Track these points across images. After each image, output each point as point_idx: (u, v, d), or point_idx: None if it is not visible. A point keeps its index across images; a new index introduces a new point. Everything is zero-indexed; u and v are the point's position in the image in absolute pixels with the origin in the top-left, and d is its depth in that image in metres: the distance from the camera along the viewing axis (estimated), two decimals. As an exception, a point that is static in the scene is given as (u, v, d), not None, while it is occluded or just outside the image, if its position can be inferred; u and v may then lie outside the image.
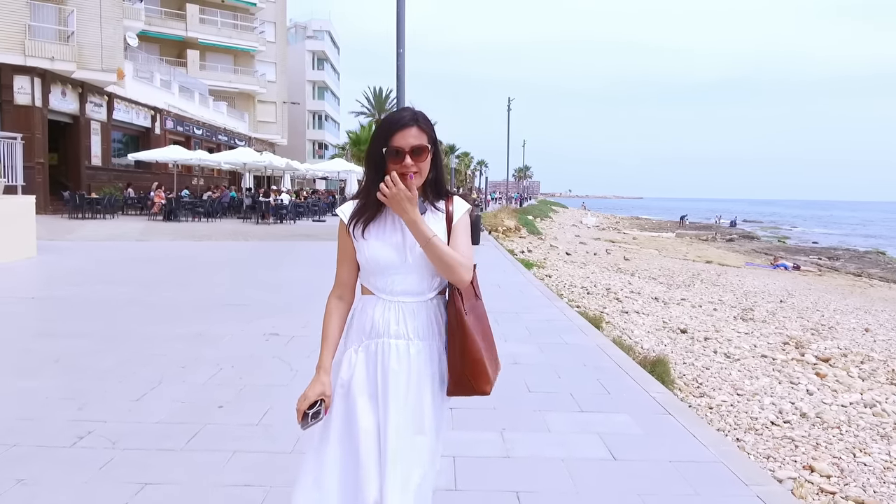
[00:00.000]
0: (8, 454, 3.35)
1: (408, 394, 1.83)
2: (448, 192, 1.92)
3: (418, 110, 1.86)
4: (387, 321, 1.85)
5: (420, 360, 1.86)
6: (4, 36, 20.16)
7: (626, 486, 3.19)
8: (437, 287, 1.90)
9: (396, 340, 1.85)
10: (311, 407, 1.82)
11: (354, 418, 1.82)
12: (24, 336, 6.11)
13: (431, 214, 1.87)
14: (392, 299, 1.86)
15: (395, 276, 1.85)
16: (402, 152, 1.78)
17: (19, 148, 11.80)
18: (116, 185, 24.95)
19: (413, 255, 1.83)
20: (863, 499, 3.69)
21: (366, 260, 1.86)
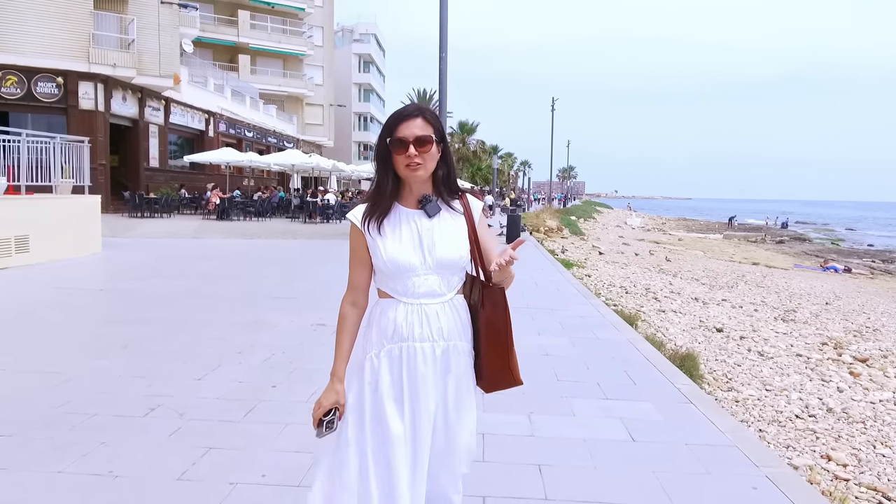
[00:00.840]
0: (90, 421, 3.82)
1: (437, 395, 1.84)
2: (460, 190, 1.94)
3: (425, 106, 1.89)
4: (410, 324, 1.83)
5: (446, 361, 1.86)
6: (71, 45, 21.39)
7: (642, 464, 3.45)
8: (456, 286, 1.90)
9: (422, 343, 1.83)
10: (326, 415, 1.84)
11: (385, 423, 1.81)
12: (94, 323, 6.70)
13: (449, 215, 1.88)
14: (414, 302, 1.84)
15: (416, 278, 1.83)
16: (405, 142, 1.78)
17: (86, 150, 12.62)
18: (172, 185, 26.08)
19: (432, 256, 1.83)
20: (875, 486, 3.84)
21: (384, 262, 1.83)
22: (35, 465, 3.21)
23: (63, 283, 8.91)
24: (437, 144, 1.82)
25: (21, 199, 10.74)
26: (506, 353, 1.91)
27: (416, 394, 1.82)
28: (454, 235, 1.85)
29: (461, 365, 1.88)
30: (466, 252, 1.86)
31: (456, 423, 1.88)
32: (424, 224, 1.83)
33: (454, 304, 1.87)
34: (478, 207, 1.93)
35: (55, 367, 4.89)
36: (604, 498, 3.04)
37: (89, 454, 3.36)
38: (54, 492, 2.93)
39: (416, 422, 1.81)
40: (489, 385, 1.94)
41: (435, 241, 1.82)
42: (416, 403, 1.81)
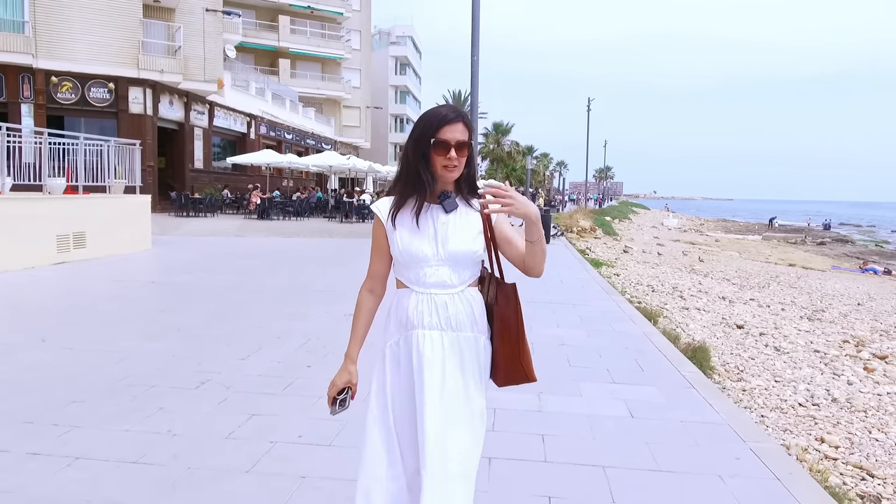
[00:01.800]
0: (150, 391, 4.35)
1: (444, 383, 1.88)
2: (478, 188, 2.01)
3: (462, 110, 1.96)
4: (420, 313, 1.90)
5: (454, 351, 1.90)
6: (122, 52, 22.48)
7: (636, 436, 3.81)
8: (468, 279, 1.94)
9: (430, 331, 1.90)
10: (340, 393, 1.97)
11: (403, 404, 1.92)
12: (149, 311, 7.32)
13: (465, 211, 1.94)
14: (424, 291, 1.91)
15: (428, 268, 1.90)
16: (448, 145, 1.85)
17: (137, 153, 13.42)
18: (216, 186, 27.08)
19: (444, 248, 1.90)
20: (862, 464, 4.11)
21: (399, 252, 1.92)
22: (105, 424, 3.74)
23: (118, 276, 9.62)
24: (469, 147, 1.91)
25: (79, 198, 11.54)
26: (517, 349, 1.95)
27: (423, 380, 1.88)
28: (467, 230, 1.91)
29: (469, 354, 1.92)
30: (479, 247, 1.92)
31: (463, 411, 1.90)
32: (441, 218, 1.91)
33: (465, 295, 1.92)
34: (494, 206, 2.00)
35: (116, 348, 5.47)
36: (597, 462, 3.42)
37: (150, 417, 3.89)
38: (122, 445, 3.45)
39: (424, 406, 1.87)
40: (502, 379, 1.99)
41: (448, 235, 1.89)
42: (423, 389, 1.88)
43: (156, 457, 3.32)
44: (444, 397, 1.87)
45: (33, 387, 4.41)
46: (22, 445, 3.41)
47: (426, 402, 1.86)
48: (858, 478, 3.97)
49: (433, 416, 1.84)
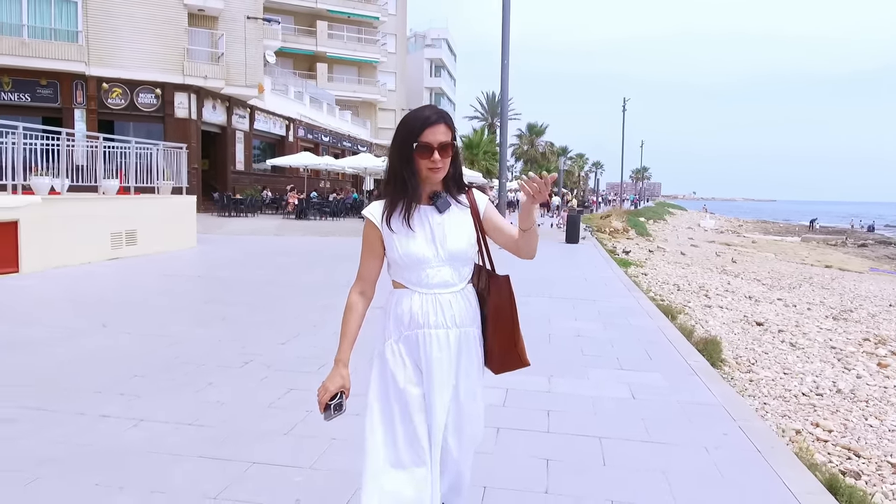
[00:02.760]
0: (199, 369, 4.89)
1: (450, 377, 1.97)
2: (467, 187, 2.07)
3: (443, 110, 2.00)
4: (426, 313, 1.94)
5: (459, 346, 1.98)
6: (169, 59, 23.54)
7: (635, 414, 4.18)
8: (467, 276, 2.03)
9: (436, 330, 1.94)
10: (333, 398, 1.96)
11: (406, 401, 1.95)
12: (196, 302, 7.94)
13: (457, 208, 2.00)
14: (428, 292, 1.95)
15: (430, 269, 1.94)
16: (430, 147, 1.88)
17: (184, 156, 14.20)
18: (256, 187, 28.02)
19: (444, 249, 1.95)
20: (850, 446, 4.40)
21: (400, 255, 1.95)
22: (163, 394, 4.29)
23: (167, 271, 10.32)
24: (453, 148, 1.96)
25: (130, 198, 12.32)
26: (511, 336, 2.02)
27: (432, 377, 1.94)
28: (463, 228, 1.97)
29: (472, 350, 2.01)
30: (475, 242, 1.99)
31: (467, 404, 2.01)
32: (436, 219, 1.95)
33: (465, 293, 2.00)
34: (483, 200, 2.05)
35: (168, 333, 6.06)
36: (595, 433, 3.81)
37: (201, 390, 4.42)
38: (178, 411, 3.98)
39: (432, 401, 1.94)
40: (497, 366, 2.07)
41: (446, 235, 1.94)
42: (432, 385, 1.94)
43: (207, 421, 3.84)
44: (457, 392, 1.96)
45: (99, 364, 5.00)
46: (94, 410, 3.97)
47: (436, 398, 1.92)
48: (844, 457, 4.26)
49: (443, 411, 1.94)
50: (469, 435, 2.05)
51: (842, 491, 3.31)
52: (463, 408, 2.00)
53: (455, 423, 2.00)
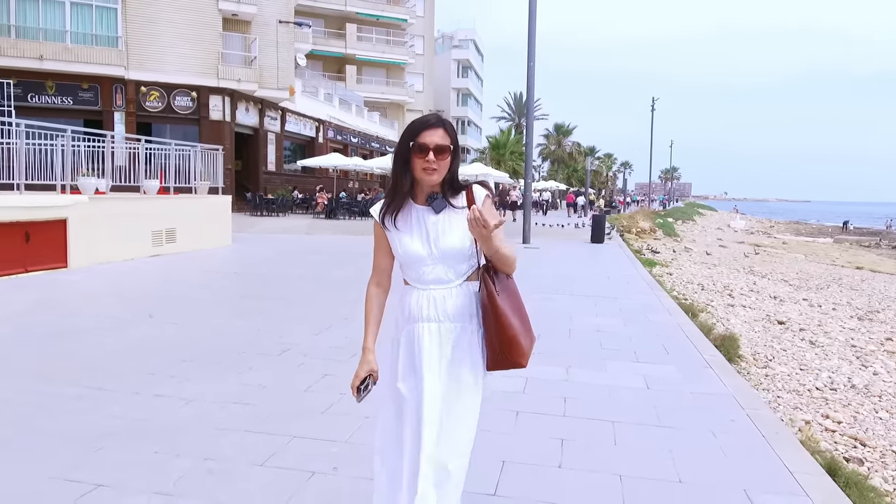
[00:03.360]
0: (240, 356, 5.27)
1: (441, 369, 2.03)
2: (465, 185, 2.11)
3: (446, 118, 2.09)
4: (420, 307, 2.06)
5: (451, 340, 2.05)
6: (204, 63, 24.25)
7: (648, 402, 4.43)
8: (464, 274, 2.08)
9: (429, 324, 2.05)
10: (363, 383, 2.12)
11: (397, 392, 2.08)
12: (235, 296, 8.37)
13: (452, 212, 2.06)
14: (424, 288, 2.06)
15: (425, 267, 2.05)
16: (426, 148, 1.98)
17: (220, 157, 14.74)
18: (286, 187, 28.65)
19: (437, 248, 2.04)
20: (857, 436, 4.59)
21: (400, 254, 2.09)
22: (208, 378, 4.66)
23: (205, 268, 10.80)
24: (451, 153, 2.04)
25: (170, 198, 12.87)
26: (497, 334, 2.03)
27: (422, 367, 2.03)
28: (457, 228, 2.03)
29: (466, 344, 2.07)
30: (469, 242, 2.05)
31: (458, 396, 2.04)
32: (431, 219, 2.05)
33: (463, 289, 2.07)
34: (481, 196, 2.07)
35: (210, 324, 6.47)
36: (608, 418, 4.07)
37: (244, 374, 4.79)
38: (224, 392, 4.35)
39: (423, 391, 2.01)
40: (489, 363, 2.10)
41: (440, 234, 2.03)
42: (422, 376, 2.02)
43: (250, 400, 4.20)
44: (443, 383, 2.02)
45: (149, 351, 5.41)
46: (149, 390, 4.36)
47: (425, 389, 2.01)
48: (850, 446, 4.45)
49: (431, 403, 1.99)
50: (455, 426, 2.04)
51: (840, 474, 3.52)
52: (453, 398, 2.04)
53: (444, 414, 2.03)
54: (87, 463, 3.21)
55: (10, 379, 4.54)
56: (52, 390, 4.31)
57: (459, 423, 2.04)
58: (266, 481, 3.05)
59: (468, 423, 2.06)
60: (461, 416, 2.04)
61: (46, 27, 22.02)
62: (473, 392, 2.07)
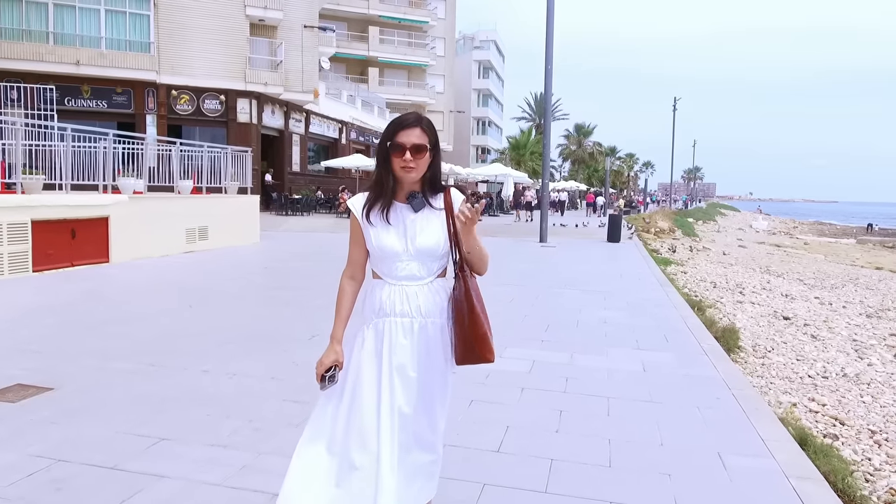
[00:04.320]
0: (274, 340, 5.82)
1: (413, 363, 2.07)
2: (444, 187, 2.15)
3: (424, 116, 2.10)
4: (392, 302, 2.08)
5: (424, 335, 2.09)
6: (232, 67, 25.03)
7: (642, 382, 4.88)
8: (436, 271, 2.14)
9: (402, 319, 2.08)
10: (328, 371, 2.11)
11: (360, 384, 2.08)
12: (266, 289, 8.96)
13: (430, 211, 2.11)
14: (396, 283, 2.09)
15: (399, 263, 2.09)
16: (403, 147, 2.02)
17: (249, 158, 15.41)
18: (310, 187, 29.37)
19: (413, 245, 2.08)
20: (836, 415, 4.99)
21: (374, 248, 2.11)
22: (247, 358, 5.21)
23: (237, 263, 11.43)
24: (430, 152, 2.07)
25: (203, 198, 13.54)
26: (471, 330, 2.07)
27: (392, 361, 2.06)
28: (434, 227, 2.09)
29: (436, 339, 2.11)
30: (444, 241, 2.09)
31: (431, 389, 2.10)
32: (410, 217, 2.09)
33: (433, 286, 2.12)
34: (458, 200, 2.12)
35: (245, 313, 7.05)
36: (604, 394, 4.53)
37: (278, 355, 5.34)
38: (262, 369, 4.89)
39: (393, 385, 2.04)
40: (459, 358, 2.13)
41: (416, 232, 2.08)
42: (393, 370, 2.06)
43: (285, 376, 4.74)
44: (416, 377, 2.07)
45: (192, 335, 5.99)
46: (196, 366, 4.92)
47: (396, 382, 2.04)
48: (830, 424, 4.86)
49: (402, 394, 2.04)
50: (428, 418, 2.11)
51: (810, 444, 3.94)
52: (424, 394, 2.09)
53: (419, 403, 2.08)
54: (151, 422, 3.77)
55: (75, 358, 5.14)
56: (112, 366, 4.90)
57: (431, 417, 2.11)
58: (303, 438, 3.59)
59: (440, 416, 2.14)
60: (434, 409, 2.11)
61: (83, 34, 22.95)
62: (445, 385, 2.15)
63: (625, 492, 3.05)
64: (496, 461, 3.36)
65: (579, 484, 3.12)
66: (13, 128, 9.73)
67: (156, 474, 3.08)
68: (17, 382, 4.42)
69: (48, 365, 4.88)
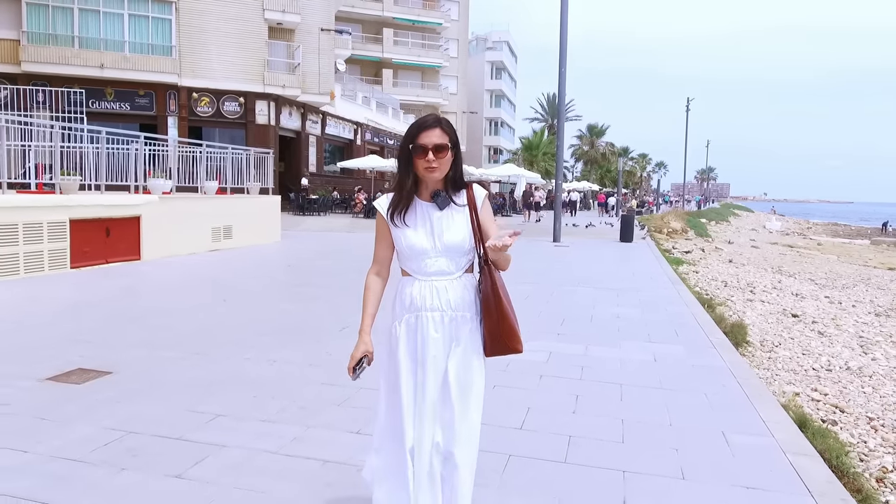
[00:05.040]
0: (308, 332, 6.21)
1: (446, 356, 2.16)
2: (466, 183, 2.23)
3: (443, 117, 2.18)
4: (423, 297, 2.18)
5: (454, 328, 2.17)
6: (251, 70, 25.57)
7: (653, 371, 5.21)
8: (464, 266, 2.22)
9: (432, 313, 2.16)
10: (358, 364, 2.24)
11: (397, 377, 2.19)
12: (293, 285, 9.37)
13: (454, 208, 2.19)
14: (426, 279, 2.18)
15: (428, 259, 2.16)
16: (425, 148, 2.09)
17: (271, 159, 15.87)
18: (327, 188, 29.85)
19: (441, 241, 2.16)
20: (837, 403, 5.29)
21: (404, 247, 2.18)
22: (285, 348, 5.60)
23: (261, 261, 11.87)
24: (451, 150, 2.15)
25: (227, 198, 14.00)
26: (497, 323, 2.16)
27: (427, 355, 2.15)
28: (459, 224, 2.17)
29: (466, 332, 2.19)
30: (470, 237, 2.18)
31: (464, 381, 2.17)
32: (436, 215, 2.17)
33: (462, 281, 2.21)
34: (481, 195, 2.23)
35: (275, 308, 7.45)
36: (617, 381, 4.87)
37: (313, 346, 5.73)
38: (299, 358, 5.28)
39: (426, 378, 2.14)
40: (488, 350, 2.21)
41: (443, 229, 2.16)
42: (426, 363, 2.15)
43: (321, 363, 5.13)
44: (452, 371, 2.15)
45: (230, 327, 6.39)
46: (238, 355, 5.32)
47: (429, 374, 2.14)
48: (830, 411, 5.16)
49: (435, 386, 2.14)
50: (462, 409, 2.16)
51: (809, 427, 4.26)
52: (456, 384, 2.16)
53: (449, 397, 2.15)
54: (205, 401, 4.16)
55: (125, 347, 5.55)
56: (160, 355, 5.30)
57: (468, 410, 2.17)
58: (345, 416, 3.96)
59: (476, 409, 2.19)
60: (470, 402, 2.17)
61: (107, 38, 23.55)
62: (480, 378, 2.21)
63: (636, 463, 3.40)
64: (520, 437, 3.72)
65: (595, 456, 3.47)
66: (51, 131, 10.21)
67: (218, 444, 3.47)
68: (77, 367, 4.84)
69: (101, 353, 5.29)
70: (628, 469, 3.32)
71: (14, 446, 3.39)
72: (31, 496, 2.86)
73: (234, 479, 3.08)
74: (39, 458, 3.27)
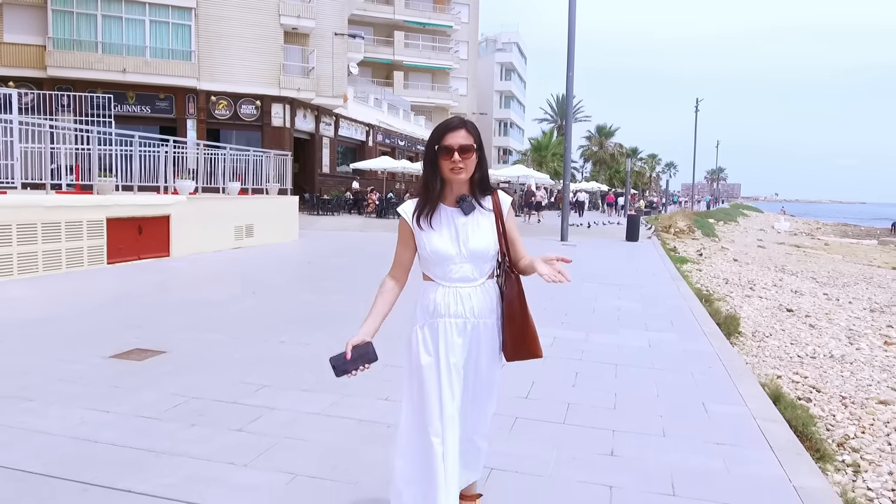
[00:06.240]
0: (332, 321, 6.82)
1: (467, 361, 2.21)
2: (492, 189, 2.23)
3: (467, 119, 2.17)
4: (447, 303, 2.18)
5: (476, 334, 2.20)
6: (267, 74, 26.30)
7: (647, 354, 5.78)
8: (486, 272, 2.22)
9: (455, 319, 2.17)
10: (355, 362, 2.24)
11: (422, 380, 2.19)
12: (314, 280, 10.01)
13: (480, 214, 2.19)
14: (450, 285, 2.18)
15: (453, 265, 2.16)
16: (451, 149, 2.08)
17: (289, 161, 16.53)
18: (339, 188, 30.54)
19: (466, 247, 2.15)
20: (815, 384, 5.84)
21: (428, 252, 2.17)
22: (315, 333, 6.21)
23: (283, 258, 12.52)
24: (476, 152, 2.13)
25: (248, 198, 14.67)
26: (521, 329, 2.22)
27: (450, 359, 2.18)
28: (485, 230, 2.18)
29: (488, 338, 2.24)
30: (495, 243, 2.19)
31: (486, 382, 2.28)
32: (461, 220, 2.16)
33: (485, 287, 2.22)
34: (506, 202, 2.24)
35: (297, 299, 8.08)
36: (613, 362, 5.45)
37: (340, 330, 6.31)
38: (326, 342, 5.89)
39: (451, 381, 2.17)
40: (510, 354, 2.27)
41: (469, 235, 2.15)
42: (449, 366, 2.17)
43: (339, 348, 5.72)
44: (472, 374, 2.24)
45: (262, 315, 7.02)
46: (273, 338, 5.94)
47: (453, 378, 2.18)
48: (807, 391, 5.71)
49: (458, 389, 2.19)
50: (483, 406, 2.32)
51: (783, 401, 4.82)
52: (477, 388, 2.26)
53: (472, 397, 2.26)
54: (251, 375, 4.78)
55: (173, 332, 6.19)
56: (206, 337, 5.93)
57: (489, 406, 2.34)
58: (375, 387, 4.56)
59: (494, 403, 2.38)
60: (485, 403, 2.32)
61: (129, 43, 24.36)
62: (496, 381, 2.33)
63: (625, 424, 3.98)
64: (525, 403, 4.32)
65: (590, 419, 4.06)
66: (89, 135, 10.89)
67: (269, 407, 4.09)
68: (135, 347, 5.48)
69: (153, 335, 5.93)
70: (618, 429, 3.90)
71: (97, 408, 4.02)
72: (122, 443, 3.49)
73: (287, 431, 3.70)
74: (120, 416, 3.89)
